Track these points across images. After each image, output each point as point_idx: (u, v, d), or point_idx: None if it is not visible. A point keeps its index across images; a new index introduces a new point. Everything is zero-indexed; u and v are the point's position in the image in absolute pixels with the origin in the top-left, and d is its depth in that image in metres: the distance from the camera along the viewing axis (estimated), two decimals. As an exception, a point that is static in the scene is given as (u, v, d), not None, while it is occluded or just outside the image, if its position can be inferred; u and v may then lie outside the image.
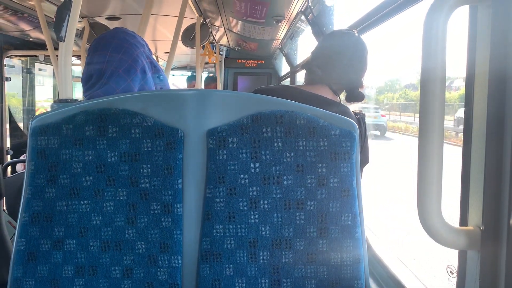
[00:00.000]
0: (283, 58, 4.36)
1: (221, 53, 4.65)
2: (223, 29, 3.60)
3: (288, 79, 4.46)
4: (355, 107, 1.44)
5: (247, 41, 3.94)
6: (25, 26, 2.95)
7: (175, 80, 6.92)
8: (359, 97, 1.32)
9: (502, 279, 0.69)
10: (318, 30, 2.36)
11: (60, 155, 0.85)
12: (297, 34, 3.31)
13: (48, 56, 2.98)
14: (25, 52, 3.55)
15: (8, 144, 3.45)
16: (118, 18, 2.91)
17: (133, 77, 1.10)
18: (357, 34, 1.33)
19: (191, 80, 5.15)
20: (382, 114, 19.73)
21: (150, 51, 1.19)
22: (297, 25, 2.97)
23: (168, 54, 2.40)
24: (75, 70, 4.79)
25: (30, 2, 2.43)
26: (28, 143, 0.86)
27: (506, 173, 0.67)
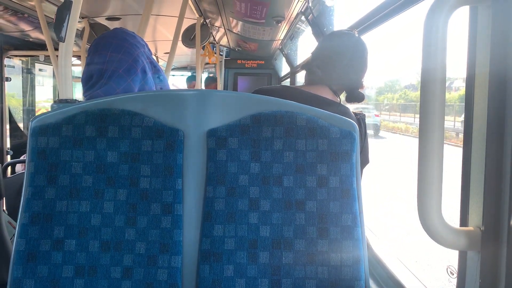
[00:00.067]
0: (283, 59, 4.36)
1: (221, 53, 4.65)
2: (223, 30, 3.60)
3: (288, 80, 4.46)
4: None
5: (247, 42, 3.94)
6: (25, 27, 2.95)
7: (175, 80, 6.92)
8: (359, 97, 1.32)
9: (503, 280, 0.68)
10: (318, 31, 2.36)
11: (60, 155, 0.85)
12: (297, 34, 3.31)
13: (48, 56, 2.98)
14: (25, 52, 3.55)
15: (8, 144, 3.45)
16: (118, 19, 2.92)
17: (133, 77, 1.10)
18: (357, 35, 1.33)
19: (191, 80, 5.15)
20: (376, 114, 21.65)
21: (150, 52, 1.19)
22: (297, 26, 2.97)
23: (168, 54, 2.40)
24: (75, 71, 4.79)
25: (30, 3, 2.43)
26: (28, 143, 0.86)
27: (506, 174, 0.67)
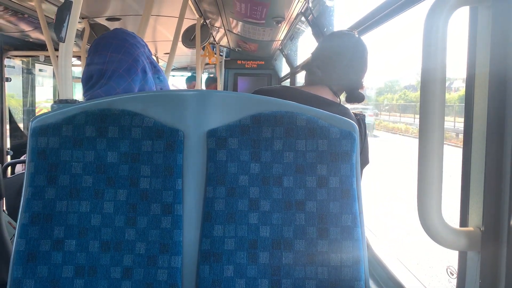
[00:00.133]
0: (283, 59, 4.36)
1: (221, 54, 4.65)
2: (223, 30, 3.60)
3: (288, 80, 4.46)
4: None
5: (247, 42, 3.94)
6: (25, 27, 2.95)
7: (175, 81, 6.91)
8: (359, 98, 1.32)
9: (503, 280, 0.68)
10: (318, 31, 2.36)
11: (60, 155, 0.85)
12: (297, 35, 3.31)
13: (49, 56, 2.98)
14: (26, 52, 3.55)
15: (8, 144, 3.45)
16: (119, 19, 2.92)
17: (133, 77, 1.10)
18: (357, 35, 1.33)
19: (191, 80, 5.15)
20: (370, 114, 23.35)
21: (150, 52, 1.19)
22: (297, 26, 2.97)
23: (168, 55, 2.40)
24: (75, 71, 4.79)
25: (31, 3, 2.43)
26: (28, 144, 0.86)
27: (506, 174, 0.67)
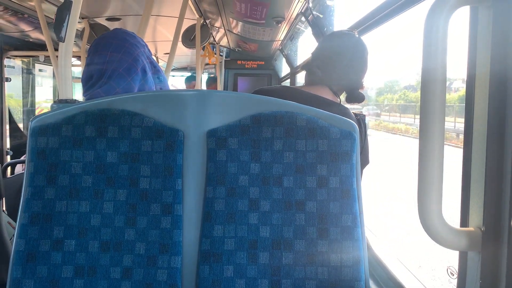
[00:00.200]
0: (283, 59, 4.36)
1: (221, 54, 4.65)
2: (223, 30, 3.60)
3: (288, 80, 4.46)
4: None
5: (247, 42, 3.94)
6: (25, 27, 2.95)
7: (174, 81, 6.90)
8: (359, 98, 1.32)
9: (503, 281, 0.68)
10: (318, 31, 2.36)
11: (59, 155, 0.85)
12: (297, 35, 3.31)
13: (48, 56, 2.98)
14: (25, 52, 3.55)
15: (8, 144, 3.45)
16: (118, 19, 2.92)
17: (133, 76, 1.10)
18: (357, 35, 1.33)
19: (190, 80, 5.14)
20: (365, 114, 24.01)
21: (150, 52, 1.19)
22: (297, 26, 2.97)
23: (168, 55, 2.40)
24: (75, 71, 4.79)
25: (30, 3, 2.43)
26: (28, 144, 0.86)
27: (507, 174, 0.67)
